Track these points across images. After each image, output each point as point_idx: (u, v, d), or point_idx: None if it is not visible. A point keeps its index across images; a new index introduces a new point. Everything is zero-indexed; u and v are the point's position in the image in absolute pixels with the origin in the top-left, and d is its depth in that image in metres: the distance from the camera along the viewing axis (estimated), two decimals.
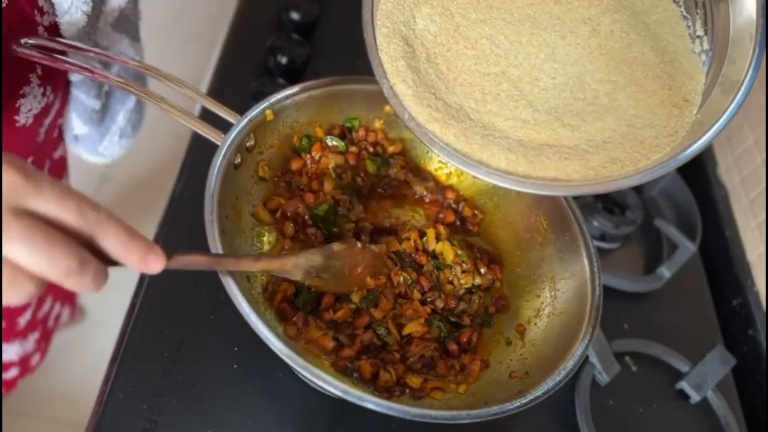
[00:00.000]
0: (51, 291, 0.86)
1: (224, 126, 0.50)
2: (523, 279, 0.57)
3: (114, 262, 0.34)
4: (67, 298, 0.96)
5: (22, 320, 0.80)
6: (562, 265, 0.55)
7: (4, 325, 0.77)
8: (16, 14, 0.49)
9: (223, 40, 0.78)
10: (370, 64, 0.46)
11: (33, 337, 0.85)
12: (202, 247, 0.43)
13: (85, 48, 0.52)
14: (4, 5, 0.47)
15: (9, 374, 0.87)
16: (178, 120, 0.49)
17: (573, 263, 0.54)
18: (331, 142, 0.57)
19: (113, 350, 0.53)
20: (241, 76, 0.73)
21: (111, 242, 0.34)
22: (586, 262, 0.53)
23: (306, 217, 0.53)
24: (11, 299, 0.32)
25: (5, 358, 0.84)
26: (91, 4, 0.52)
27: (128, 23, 0.61)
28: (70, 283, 0.32)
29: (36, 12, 0.50)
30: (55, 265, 0.31)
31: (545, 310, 0.54)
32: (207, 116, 0.51)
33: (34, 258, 0.31)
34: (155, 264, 0.36)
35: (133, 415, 0.49)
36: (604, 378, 0.58)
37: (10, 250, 0.31)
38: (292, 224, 0.53)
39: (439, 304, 0.54)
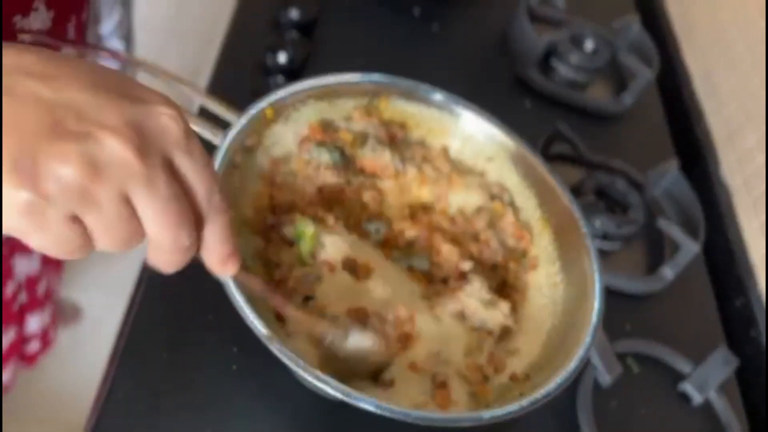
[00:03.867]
0: (49, 262, 0.86)
1: (221, 125, 0.50)
2: None
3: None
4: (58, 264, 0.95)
5: (40, 290, 0.80)
6: (563, 266, 0.55)
7: (27, 297, 0.77)
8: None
9: (222, 38, 0.78)
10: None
11: (49, 309, 0.85)
12: None
13: (79, 44, 0.51)
14: None
15: (30, 349, 0.87)
16: None
17: (574, 264, 0.54)
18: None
19: (112, 350, 0.53)
20: (240, 74, 0.73)
21: (214, 234, 0.33)
22: (587, 262, 0.52)
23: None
24: (107, 243, 0.30)
25: (28, 331, 0.83)
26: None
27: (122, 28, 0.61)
28: (163, 258, 0.32)
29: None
30: (172, 241, 0.30)
31: (546, 311, 0.54)
32: (205, 116, 0.51)
33: (158, 227, 0.30)
34: (231, 269, 0.35)
35: (132, 416, 0.49)
36: (606, 379, 0.58)
37: (146, 204, 0.29)
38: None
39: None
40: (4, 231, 0.29)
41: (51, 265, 0.83)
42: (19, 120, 0.27)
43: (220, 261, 0.34)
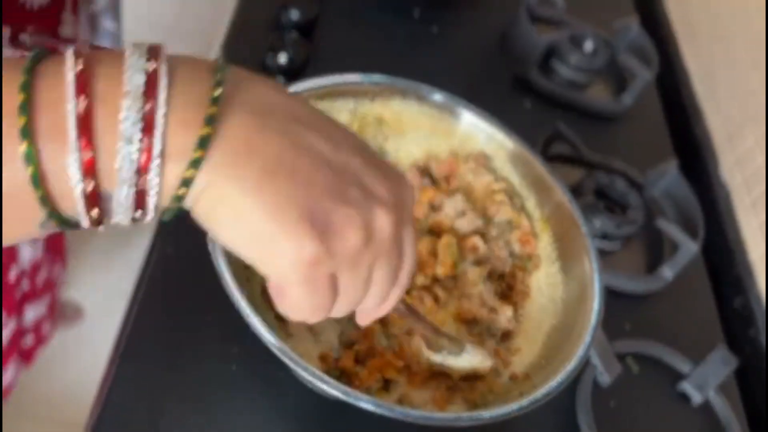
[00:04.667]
0: (61, 250, 0.85)
1: None
2: None
3: None
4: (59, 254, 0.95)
5: (40, 278, 0.79)
6: (563, 266, 0.55)
7: (29, 285, 0.77)
8: None
9: (223, 39, 0.78)
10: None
11: (46, 300, 0.85)
12: (201, 246, 0.42)
13: (77, 42, 0.52)
14: None
15: (26, 343, 0.87)
16: None
17: (573, 264, 0.54)
18: None
19: (112, 351, 0.53)
20: None
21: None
22: (586, 262, 0.53)
23: None
24: (345, 306, 0.32)
25: (25, 322, 0.83)
26: None
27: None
28: (370, 317, 0.35)
29: None
30: (381, 302, 0.33)
31: (546, 311, 0.54)
32: None
33: (382, 294, 0.32)
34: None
35: (132, 416, 0.49)
36: (605, 379, 0.58)
37: (384, 273, 0.31)
38: None
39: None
40: (273, 278, 0.30)
41: (51, 253, 0.82)
42: (306, 173, 0.28)
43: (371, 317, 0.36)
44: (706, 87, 0.88)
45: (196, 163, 0.26)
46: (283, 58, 0.72)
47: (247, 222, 0.27)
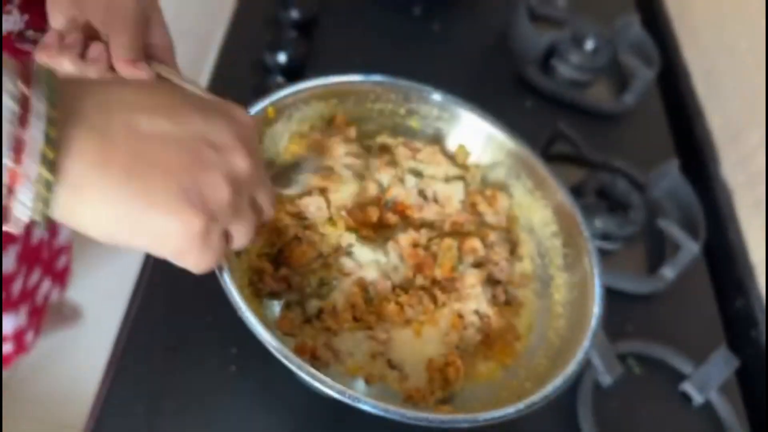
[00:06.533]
0: (37, 262, 0.85)
1: None
2: None
3: None
4: (57, 276, 0.95)
5: (15, 289, 0.79)
6: (564, 267, 0.55)
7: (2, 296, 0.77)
8: None
9: (222, 38, 0.77)
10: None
11: (24, 310, 0.85)
12: None
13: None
14: None
15: (5, 349, 0.87)
16: None
17: (574, 264, 0.54)
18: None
19: (111, 351, 0.53)
20: (239, 74, 0.73)
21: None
22: (587, 264, 0.52)
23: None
24: (242, 242, 0.36)
25: (3, 332, 0.83)
26: None
27: None
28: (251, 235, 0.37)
29: None
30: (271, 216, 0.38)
31: (546, 311, 0.53)
32: None
33: (270, 210, 0.37)
34: None
35: (131, 416, 0.49)
36: (606, 379, 0.58)
37: (264, 196, 0.36)
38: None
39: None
40: (170, 256, 0.33)
41: (26, 264, 0.82)
42: (163, 159, 0.31)
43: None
44: (707, 86, 0.87)
45: (48, 185, 0.28)
46: (282, 57, 0.72)
47: (127, 220, 0.30)
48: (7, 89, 0.27)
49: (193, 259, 0.33)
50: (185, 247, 0.32)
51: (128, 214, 0.30)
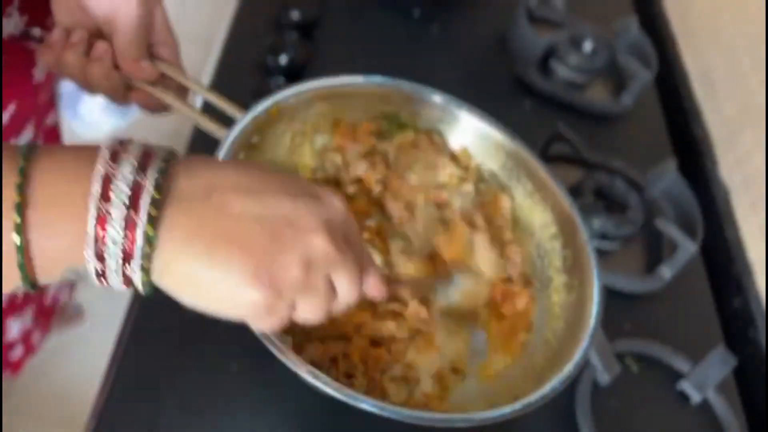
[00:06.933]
0: None
1: (225, 123, 0.50)
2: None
3: None
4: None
5: (19, 293, 0.80)
6: (562, 269, 0.55)
7: (5, 299, 0.78)
8: None
9: (223, 40, 0.78)
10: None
11: (30, 311, 0.85)
12: None
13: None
14: None
15: (14, 354, 0.87)
16: (178, 113, 0.49)
17: (573, 267, 0.54)
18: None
19: (113, 351, 0.53)
20: (241, 75, 0.73)
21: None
22: (586, 264, 0.53)
23: None
24: (312, 316, 0.37)
25: (9, 337, 0.83)
26: None
27: None
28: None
29: None
30: (356, 298, 0.39)
31: (544, 312, 0.54)
32: (209, 112, 0.51)
33: (350, 292, 0.38)
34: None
35: (132, 415, 0.49)
36: (605, 379, 0.58)
37: (342, 277, 0.37)
38: None
39: None
40: (238, 318, 0.36)
41: None
42: (246, 238, 0.33)
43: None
44: (705, 87, 0.88)
45: (147, 257, 0.32)
46: (283, 59, 0.72)
47: (208, 290, 0.34)
48: (123, 175, 0.31)
49: (258, 325, 0.37)
50: (251, 319, 0.36)
51: (204, 286, 0.34)
